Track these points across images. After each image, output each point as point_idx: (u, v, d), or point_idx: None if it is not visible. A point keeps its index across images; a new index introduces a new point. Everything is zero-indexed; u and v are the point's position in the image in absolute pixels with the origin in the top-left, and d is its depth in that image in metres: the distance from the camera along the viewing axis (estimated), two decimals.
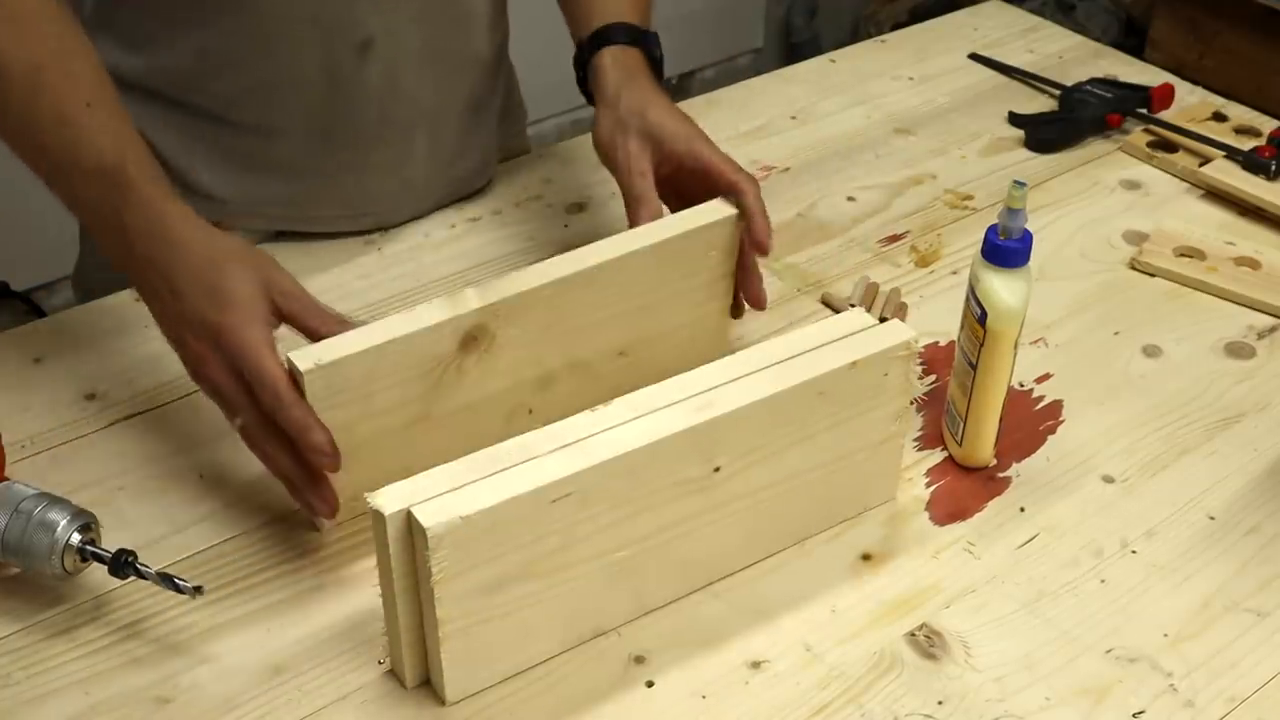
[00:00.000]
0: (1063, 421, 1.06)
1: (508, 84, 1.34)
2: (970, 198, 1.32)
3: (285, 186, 1.20)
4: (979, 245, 0.95)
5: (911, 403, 1.05)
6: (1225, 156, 1.33)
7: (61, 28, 0.97)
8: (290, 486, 0.91)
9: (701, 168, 1.05)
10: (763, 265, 1.08)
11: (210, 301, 0.88)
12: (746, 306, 1.09)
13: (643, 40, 1.12)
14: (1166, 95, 1.42)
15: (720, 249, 1.03)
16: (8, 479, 0.91)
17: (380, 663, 0.87)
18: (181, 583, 0.85)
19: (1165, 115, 1.41)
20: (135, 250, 0.92)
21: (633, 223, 1.03)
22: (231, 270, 0.89)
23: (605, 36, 1.11)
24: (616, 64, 1.10)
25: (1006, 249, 0.94)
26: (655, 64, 1.13)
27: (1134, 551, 0.95)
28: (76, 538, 0.86)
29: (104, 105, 0.95)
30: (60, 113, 0.94)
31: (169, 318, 0.92)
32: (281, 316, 0.91)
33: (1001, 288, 0.94)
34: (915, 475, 1.01)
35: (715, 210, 1.02)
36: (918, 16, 2.26)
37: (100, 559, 0.87)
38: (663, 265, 1.00)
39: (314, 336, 0.90)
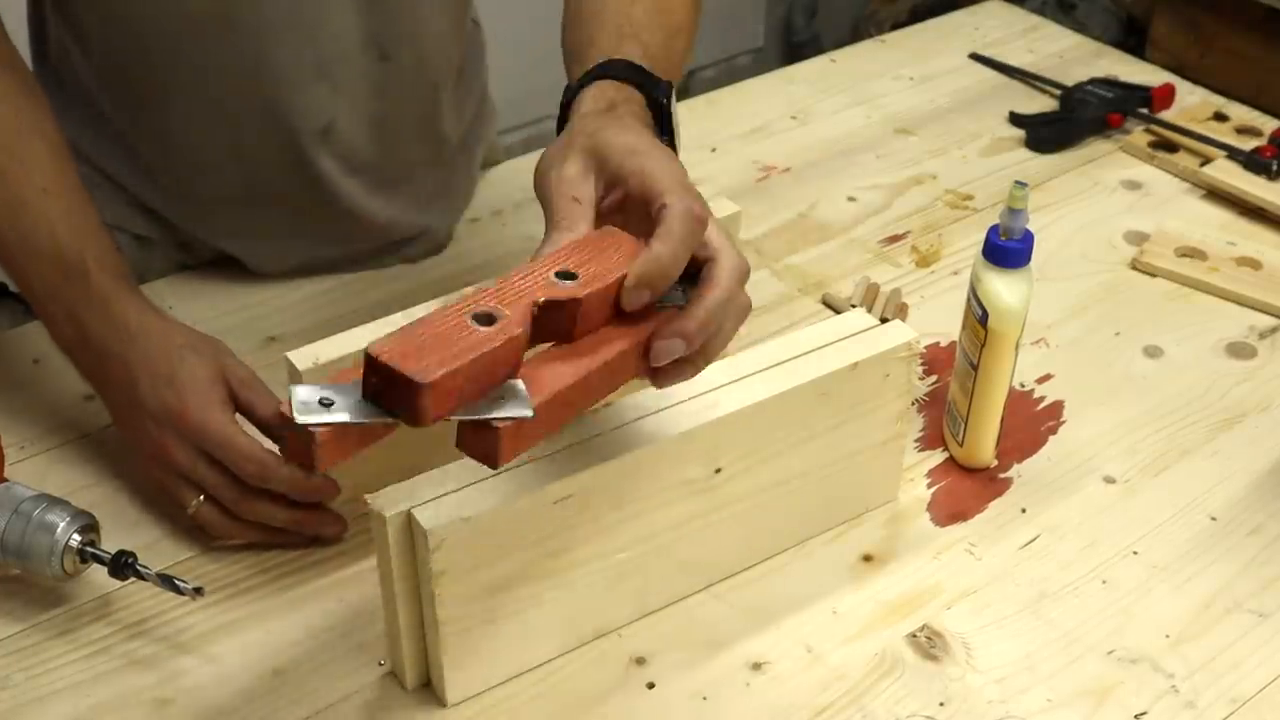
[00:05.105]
0: (1064, 422, 1.06)
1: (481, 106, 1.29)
2: (971, 198, 1.32)
3: (253, 249, 1.17)
4: (980, 245, 0.95)
5: (913, 403, 1.05)
6: (1226, 156, 1.33)
7: (18, 106, 0.96)
8: (292, 534, 0.92)
9: (643, 187, 0.77)
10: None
11: (169, 389, 0.89)
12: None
13: (648, 84, 0.89)
14: (1167, 95, 1.42)
15: None
16: (7, 480, 0.90)
17: (380, 663, 0.87)
18: (182, 584, 0.85)
19: (1166, 115, 1.41)
20: (91, 340, 0.92)
21: (535, 254, 0.77)
22: (187, 358, 0.91)
23: (599, 72, 0.88)
24: (600, 96, 0.86)
25: (1007, 249, 0.93)
26: (658, 110, 0.89)
27: (1135, 552, 0.95)
28: (76, 539, 0.86)
29: (62, 192, 0.94)
30: (16, 197, 0.93)
31: (125, 406, 0.92)
32: (237, 405, 0.91)
33: (1002, 288, 0.94)
34: (916, 476, 1.01)
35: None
36: (918, 16, 2.25)
37: (100, 560, 0.86)
38: None
39: (265, 428, 0.91)
